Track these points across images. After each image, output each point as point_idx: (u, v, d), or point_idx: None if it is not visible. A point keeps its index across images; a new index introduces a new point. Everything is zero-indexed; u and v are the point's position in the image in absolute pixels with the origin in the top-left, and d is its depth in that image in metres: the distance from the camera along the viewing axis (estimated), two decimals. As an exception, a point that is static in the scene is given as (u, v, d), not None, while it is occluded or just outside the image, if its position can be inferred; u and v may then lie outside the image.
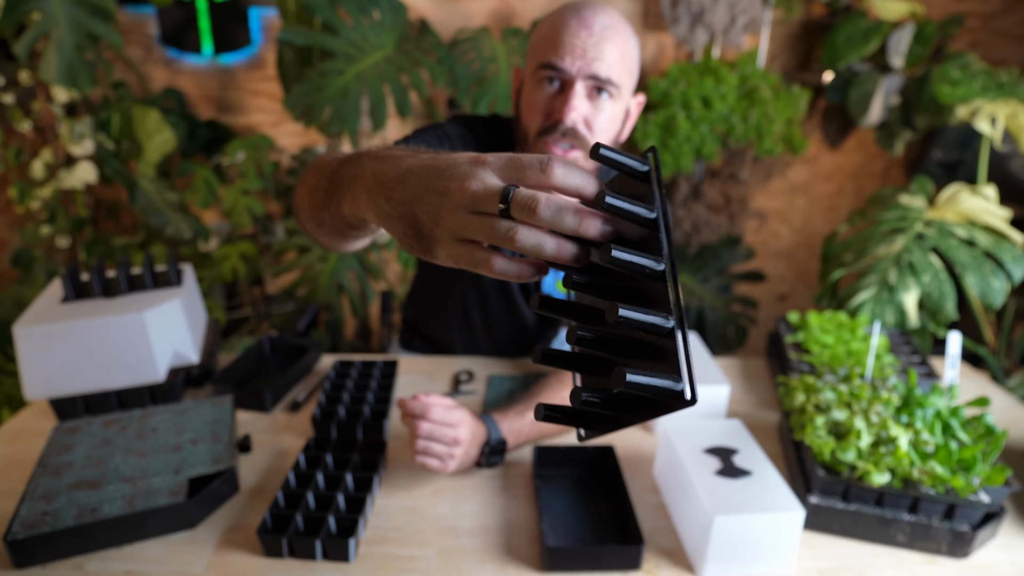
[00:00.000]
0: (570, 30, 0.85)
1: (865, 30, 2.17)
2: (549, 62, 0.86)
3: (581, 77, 0.86)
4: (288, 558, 0.70)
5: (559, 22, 0.87)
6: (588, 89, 0.87)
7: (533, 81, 0.89)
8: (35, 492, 0.75)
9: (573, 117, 0.86)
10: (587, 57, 0.85)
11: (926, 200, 1.42)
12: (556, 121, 0.87)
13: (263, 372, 1.14)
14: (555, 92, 0.88)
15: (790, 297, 2.84)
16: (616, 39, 0.87)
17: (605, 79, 0.86)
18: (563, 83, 0.87)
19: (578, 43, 0.85)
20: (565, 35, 0.85)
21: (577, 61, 0.85)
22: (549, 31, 0.87)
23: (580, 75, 0.86)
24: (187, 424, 0.88)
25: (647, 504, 0.81)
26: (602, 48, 0.85)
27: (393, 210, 0.44)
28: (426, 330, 1.28)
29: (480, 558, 0.72)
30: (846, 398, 0.83)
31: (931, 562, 0.73)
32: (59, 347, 0.92)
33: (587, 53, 0.85)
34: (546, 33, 0.88)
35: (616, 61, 0.87)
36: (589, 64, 0.85)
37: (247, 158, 2.09)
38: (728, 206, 2.42)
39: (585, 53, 0.85)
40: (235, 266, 2.12)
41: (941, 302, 1.18)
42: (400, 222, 0.44)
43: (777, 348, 1.16)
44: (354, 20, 1.88)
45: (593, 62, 0.85)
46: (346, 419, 0.93)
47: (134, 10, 2.21)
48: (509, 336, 1.19)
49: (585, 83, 0.86)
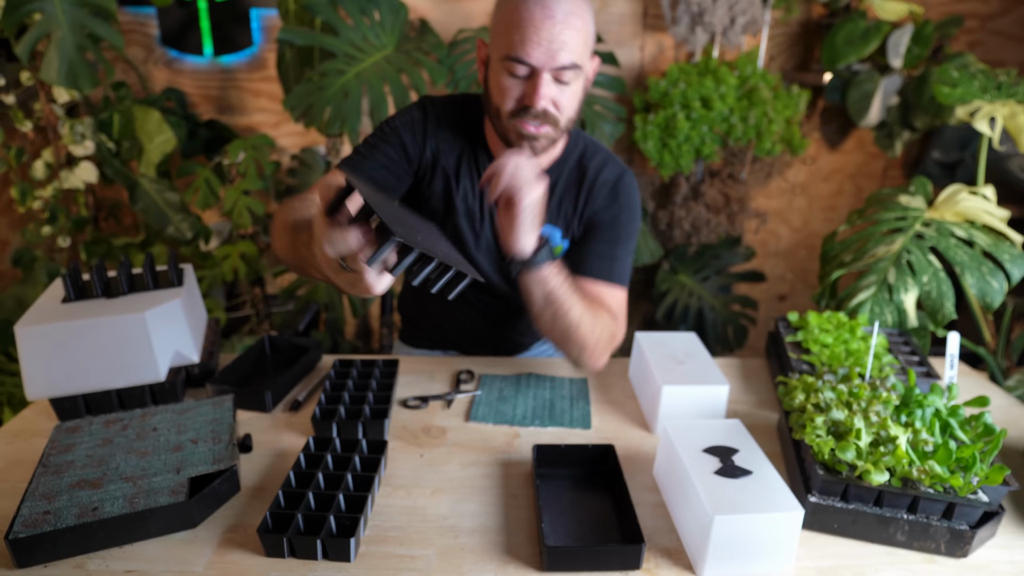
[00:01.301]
0: (535, 22, 0.88)
1: (864, 31, 2.18)
2: (516, 55, 0.90)
3: (547, 69, 0.90)
4: (288, 557, 0.70)
5: (523, 9, 0.89)
6: (554, 76, 0.92)
7: (500, 67, 0.93)
8: (36, 491, 0.75)
9: (543, 103, 0.91)
10: (552, 49, 0.88)
11: (925, 200, 1.42)
12: (527, 105, 0.92)
13: (263, 372, 1.14)
14: (523, 79, 0.92)
15: (789, 297, 2.84)
16: (577, 24, 0.90)
17: (569, 65, 0.90)
18: (531, 71, 0.91)
19: (543, 35, 0.88)
20: (530, 28, 0.88)
21: (543, 55, 0.89)
22: (513, 17, 0.90)
23: (546, 68, 0.90)
24: (188, 424, 0.88)
25: (647, 503, 0.81)
26: (565, 38, 0.89)
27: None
28: (419, 317, 1.32)
29: (480, 557, 0.72)
30: (845, 398, 0.84)
31: (930, 561, 0.73)
32: (60, 347, 0.93)
33: (552, 45, 0.88)
34: (510, 20, 0.90)
35: (578, 45, 0.91)
36: (554, 56, 0.89)
37: (247, 158, 2.09)
38: (727, 206, 2.42)
39: (550, 45, 0.88)
40: (235, 266, 2.12)
41: (940, 302, 1.18)
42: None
43: (777, 348, 1.16)
44: (354, 20, 1.88)
45: (558, 53, 0.89)
46: (346, 419, 0.93)
47: (135, 11, 2.21)
48: (490, 312, 1.23)
49: (551, 72, 0.91)
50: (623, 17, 2.33)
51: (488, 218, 1.10)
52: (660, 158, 2.23)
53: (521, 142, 0.96)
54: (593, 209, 1.09)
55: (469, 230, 1.11)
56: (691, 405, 0.95)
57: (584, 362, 1.03)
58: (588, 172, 1.08)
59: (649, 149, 2.22)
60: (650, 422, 0.99)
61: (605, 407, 1.05)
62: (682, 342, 1.09)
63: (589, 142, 1.11)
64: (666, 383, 0.94)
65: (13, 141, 1.86)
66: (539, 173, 0.89)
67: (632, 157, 2.51)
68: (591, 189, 1.08)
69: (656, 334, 1.11)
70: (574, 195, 1.09)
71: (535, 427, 0.98)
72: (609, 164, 1.10)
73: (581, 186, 1.08)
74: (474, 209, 1.10)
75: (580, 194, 1.09)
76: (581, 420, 1.00)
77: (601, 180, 1.08)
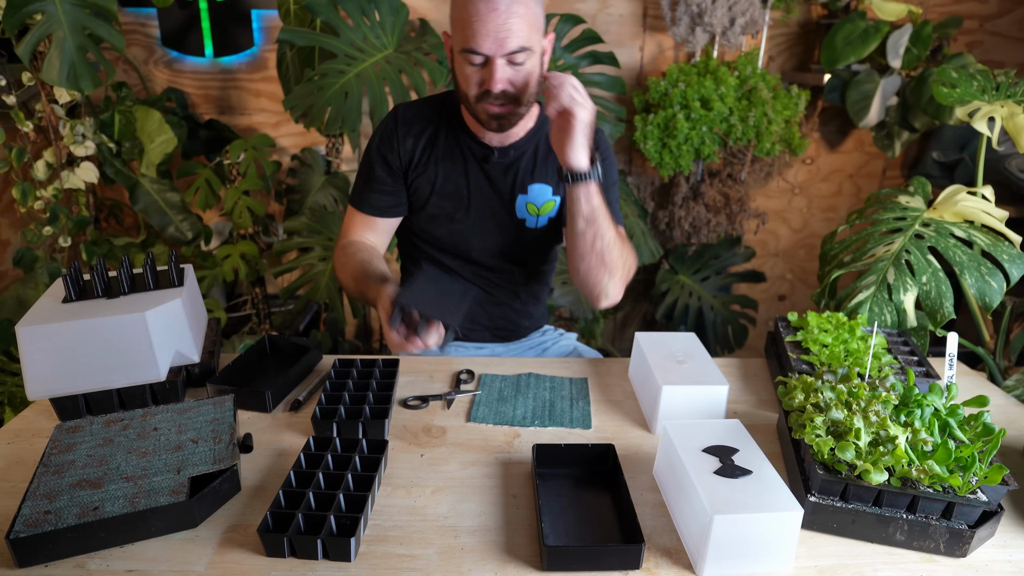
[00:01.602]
0: (481, 16, 0.98)
1: (863, 31, 2.18)
2: (469, 47, 1.01)
3: (499, 56, 1.01)
4: (289, 557, 0.71)
5: (470, 6, 0.99)
6: (506, 60, 1.02)
7: (461, 59, 1.04)
8: (37, 491, 0.75)
9: (500, 86, 1.03)
10: (500, 38, 0.99)
11: (924, 200, 1.42)
12: (487, 89, 1.03)
13: (264, 372, 1.15)
14: (480, 66, 1.03)
15: (789, 297, 2.85)
16: (519, 11, 0.99)
17: (518, 49, 1.00)
18: (485, 59, 1.02)
19: (490, 27, 0.98)
20: (478, 22, 0.99)
21: (492, 45, 0.99)
22: (463, 14, 1.00)
23: (498, 55, 1.00)
24: (188, 423, 0.89)
25: (647, 503, 0.81)
26: (511, 26, 0.99)
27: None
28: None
29: (480, 557, 0.72)
30: (845, 397, 0.84)
31: (929, 561, 0.73)
32: (61, 347, 0.93)
33: (499, 34, 0.99)
34: (462, 16, 1.01)
35: (524, 30, 1.00)
36: (503, 44, 0.99)
37: (248, 158, 2.09)
38: (727, 206, 2.42)
39: (498, 35, 0.99)
40: (236, 266, 2.12)
41: (939, 302, 1.19)
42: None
43: (776, 348, 1.17)
44: (354, 21, 1.88)
45: (506, 41, 0.99)
46: (346, 419, 0.93)
47: (135, 11, 2.21)
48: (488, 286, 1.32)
49: (503, 58, 1.01)
50: (623, 17, 2.33)
51: (477, 193, 1.19)
52: (660, 158, 2.23)
53: (490, 122, 1.08)
54: None
55: (454, 208, 1.20)
56: (691, 405, 0.96)
57: (610, 292, 1.15)
58: None
59: (649, 149, 2.22)
60: (650, 422, 0.99)
61: (605, 407, 1.05)
62: (682, 342, 1.09)
63: None
64: (666, 383, 0.95)
65: (14, 141, 1.86)
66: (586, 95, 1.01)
67: (632, 157, 2.52)
68: None
69: (656, 334, 1.11)
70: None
71: (535, 427, 0.98)
72: None
73: None
74: (461, 188, 1.19)
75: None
76: (581, 420, 1.00)
77: None
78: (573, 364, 1.20)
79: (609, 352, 2.55)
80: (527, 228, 1.22)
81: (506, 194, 1.19)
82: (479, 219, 1.21)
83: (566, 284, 2.27)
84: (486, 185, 1.19)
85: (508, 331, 1.37)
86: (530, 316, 1.39)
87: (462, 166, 1.18)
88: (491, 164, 1.17)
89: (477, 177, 1.18)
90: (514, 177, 1.19)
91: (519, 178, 1.19)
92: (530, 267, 1.31)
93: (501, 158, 1.17)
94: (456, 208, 1.20)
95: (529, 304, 1.36)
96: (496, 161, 1.17)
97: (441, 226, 1.23)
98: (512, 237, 1.23)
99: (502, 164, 1.18)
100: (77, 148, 1.88)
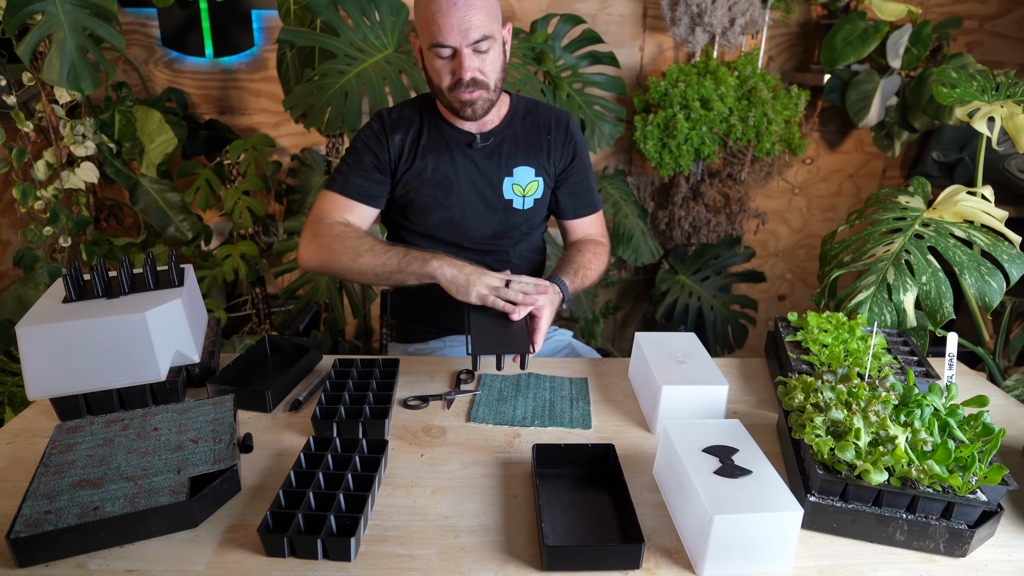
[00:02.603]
0: (444, 11, 1.07)
1: (863, 31, 2.18)
2: (437, 42, 1.09)
3: (464, 46, 1.09)
4: (289, 557, 0.71)
5: (432, 5, 1.08)
6: (472, 49, 1.10)
7: (431, 54, 1.13)
8: (37, 491, 0.75)
9: (469, 74, 1.11)
10: (464, 30, 1.08)
11: (924, 200, 1.42)
12: (459, 79, 1.12)
13: (264, 372, 1.15)
14: (449, 59, 1.12)
15: (789, 297, 2.85)
16: (477, 3, 1.08)
17: (481, 38, 1.09)
18: (453, 51, 1.11)
19: (453, 22, 1.07)
20: (442, 18, 1.07)
21: (458, 37, 1.08)
22: (427, 13, 1.09)
23: (463, 45, 1.09)
24: (188, 423, 0.89)
25: (647, 503, 0.81)
26: (471, 18, 1.07)
27: (453, 284, 1.08)
28: (412, 312, 1.43)
29: (480, 557, 0.72)
30: (844, 397, 0.84)
31: (929, 560, 0.73)
32: (61, 347, 0.93)
33: (462, 26, 1.07)
34: (426, 15, 1.09)
35: (484, 20, 1.09)
36: (467, 35, 1.08)
37: (248, 158, 2.09)
38: (727, 206, 2.42)
39: (462, 27, 1.07)
40: (236, 266, 2.12)
41: (939, 302, 1.19)
42: (453, 285, 1.08)
43: (776, 348, 1.17)
44: (355, 21, 1.88)
45: (469, 32, 1.08)
46: (346, 419, 0.93)
47: (136, 11, 2.21)
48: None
49: (469, 47, 1.10)
50: (623, 17, 2.33)
51: (464, 179, 1.26)
52: (660, 158, 2.23)
53: (464, 109, 1.15)
54: (558, 154, 1.31)
55: (445, 195, 1.26)
56: (691, 405, 0.96)
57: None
58: (538, 118, 1.30)
59: (649, 149, 2.22)
60: (650, 422, 0.99)
61: (605, 407, 1.05)
62: (682, 342, 1.09)
63: (524, 99, 1.33)
64: (666, 383, 0.95)
65: (15, 141, 1.86)
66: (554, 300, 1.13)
67: (632, 157, 2.52)
68: (548, 131, 1.30)
69: (656, 334, 1.11)
70: (536, 138, 1.29)
71: (535, 427, 0.98)
72: (551, 109, 1.32)
73: (539, 130, 1.30)
74: (449, 175, 1.25)
75: (540, 137, 1.30)
76: (581, 420, 1.01)
77: (554, 123, 1.30)
78: (573, 364, 1.20)
79: (609, 352, 2.55)
80: (515, 209, 1.30)
81: (493, 177, 1.27)
82: (469, 203, 1.27)
83: (566, 284, 2.27)
84: (473, 170, 1.26)
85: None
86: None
87: (448, 155, 1.25)
88: (475, 149, 1.25)
89: (464, 163, 1.25)
90: (499, 160, 1.27)
91: (503, 161, 1.27)
92: (522, 250, 1.37)
93: (484, 142, 1.25)
94: (447, 195, 1.26)
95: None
96: (480, 146, 1.25)
97: (434, 214, 1.27)
98: (502, 219, 1.30)
99: (485, 148, 1.26)
100: (77, 148, 1.88)
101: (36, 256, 1.87)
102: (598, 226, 1.39)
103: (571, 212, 1.36)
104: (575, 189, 1.35)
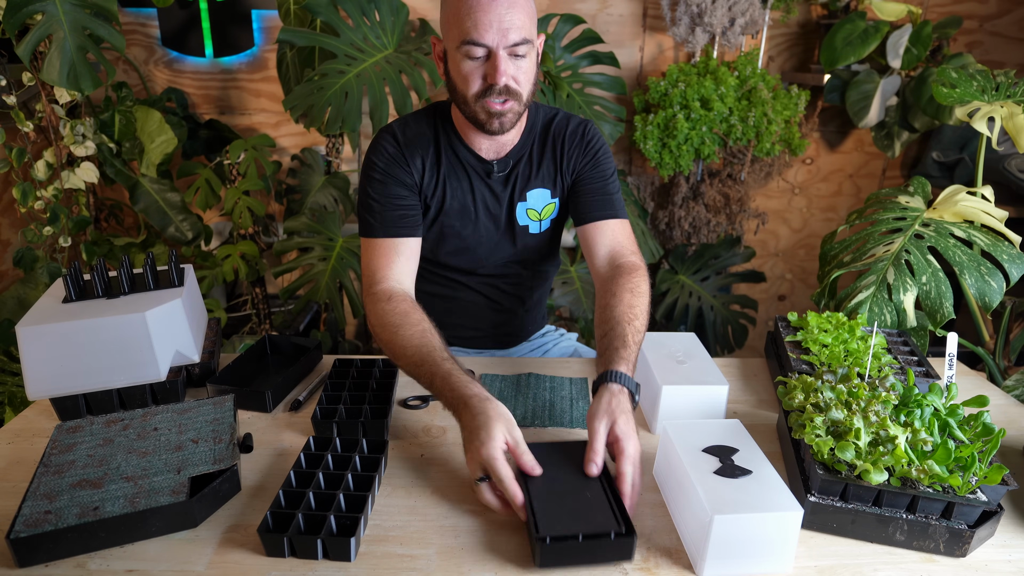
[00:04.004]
0: (483, 6, 0.95)
1: (863, 31, 2.18)
2: (471, 39, 0.96)
3: (501, 48, 0.97)
4: (289, 557, 0.71)
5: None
6: (509, 53, 0.98)
7: (460, 55, 1.00)
8: (37, 491, 0.75)
9: (504, 80, 0.98)
10: (503, 29, 0.96)
11: (924, 200, 1.42)
12: (491, 84, 0.99)
13: (264, 372, 1.15)
14: (481, 61, 0.99)
15: (789, 297, 2.85)
16: (520, 2, 0.97)
17: (521, 41, 0.98)
18: (488, 53, 0.98)
19: (493, 18, 0.95)
20: (480, 12, 0.95)
21: (496, 36, 0.96)
22: (463, 7, 0.96)
23: (500, 46, 0.97)
24: (188, 423, 0.89)
25: (647, 503, 0.81)
26: (513, 17, 0.96)
27: (464, 435, 0.83)
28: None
29: (480, 557, 0.72)
30: (845, 397, 0.84)
31: (929, 561, 0.73)
32: (61, 347, 0.93)
33: (503, 25, 0.95)
34: (460, 9, 0.97)
35: (525, 22, 0.98)
36: (506, 35, 0.96)
37: (248, 158, 2.09)
38: (727, 206, 2.42)
39: (501, 26, 0.95)
40: (236, 266, 2.12)
41: (939, 302, 1.19)
42: (464, 438, 0.83)
43: (776, 348, 1.17)
44: (355, 21, 1.88)
45: (509, 32, 0.96)
46: (346, 419, 0.93)
47: (136, 11, 2.21)
48: (494, 292, 1.30)
49: (506, 50, 0.98)
50: (623, 17, 2.33)
51: (482, 207, 1.17)
52: (660, 158, 2.23)
53: (491, 121, 1.03)
54: (574, 162, 1.17)
55: (462, 225, 1.17)
56: (691, 405, 0.96)
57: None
58: (554, 131, 1.17)
59: (649, 149, 2.22)
60: (650, 422, 0.99)
61: (605, 407, 1.05)
62: (682, 342, 1.09)
63: (543, 108, 1.20)
64: (666, 383, 0.95)
65: (15, 141, 1.86)
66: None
67: (632, 157, 2.52)
68: (563, 145, 1.17)
69: (656, 334, 1.11)
70: (551, 155, 1.17)
71: (535, 427, 0.98)
72: (570, 119, 1.19)
73: (555, 146, 1.17)
74: (468, 204, 1.16)
75: (556, 153, 1.17)
76: (581, 420, 1.00)
77: (569, 133, 1.17)
78: (573, 364, 1.20)
79: (609, 352, 2.55)
80: (531, 234, 1.21)
81: (508, 204, 1.18)
82: (486, 231, 1.19)
83: (566, 284, 2.27)
84: (490, 198, 1.17)
85: (512, 336, 1.37)
86: (534, 320, 1.40)
87: (467, 182, 1.15)
88: (493, 178, 1.16)
89: (481, 191, 1.16)
90: (513, 186, 1.17)
91: (518, 186, 1.17)
92: (537, 269, 1.30)
93: (501, 171, 1.15)
94: (464, 224, 1.17)
95: (532, 309, 1.36)
96: (498, 175, 1.15)
97: (449, 243, 1.20)
98: (518, 244, 1.22)
99: (502, 176, 1.16)
100: (77, 148, 1.88)
101: (36, 256, 1.87)
102: (622, 236, 1.15)
103: (587, 214, 1.15)
104: (591, 187, 1.17)
